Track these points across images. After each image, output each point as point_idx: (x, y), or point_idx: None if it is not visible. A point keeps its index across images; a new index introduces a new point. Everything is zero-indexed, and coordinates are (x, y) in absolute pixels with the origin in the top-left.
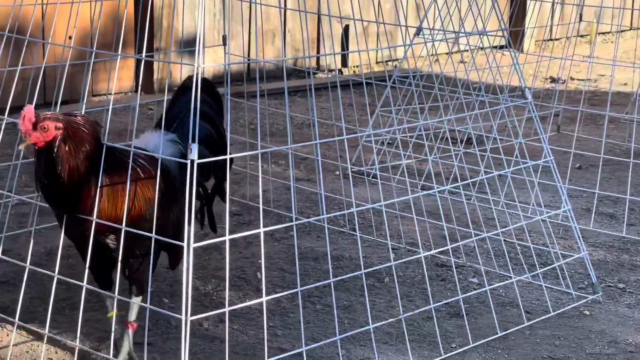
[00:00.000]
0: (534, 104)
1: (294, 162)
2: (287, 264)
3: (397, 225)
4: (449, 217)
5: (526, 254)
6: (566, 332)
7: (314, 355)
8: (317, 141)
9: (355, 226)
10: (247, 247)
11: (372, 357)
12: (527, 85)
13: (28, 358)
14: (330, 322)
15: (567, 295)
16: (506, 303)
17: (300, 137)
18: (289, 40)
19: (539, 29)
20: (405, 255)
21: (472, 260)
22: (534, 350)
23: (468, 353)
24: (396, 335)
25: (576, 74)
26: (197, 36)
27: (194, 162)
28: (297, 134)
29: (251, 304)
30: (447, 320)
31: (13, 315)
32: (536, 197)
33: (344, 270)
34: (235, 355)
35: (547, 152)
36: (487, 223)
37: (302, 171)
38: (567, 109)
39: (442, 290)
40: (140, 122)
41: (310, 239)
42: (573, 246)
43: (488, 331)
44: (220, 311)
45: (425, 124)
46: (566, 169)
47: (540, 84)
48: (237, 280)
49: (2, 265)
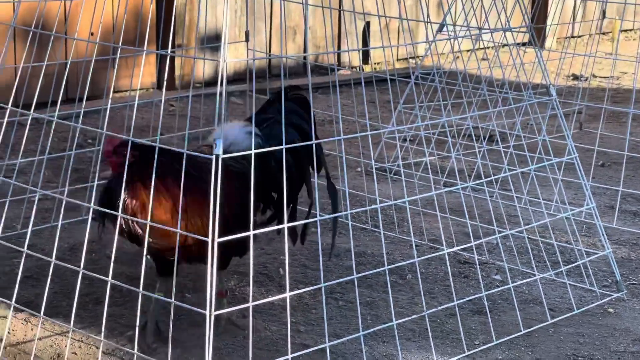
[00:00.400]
0: (558, 101)
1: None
2: (309, 260)
3: (419, 222)
4: (472, 214)
5: (549, 251)
6: (590, 329)
7: (336, 352)
8: (342, 137)
9: (377, 223)
10: (268, 243)
11: (395, 353)
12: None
13: (52, 352)
14: (352, 319)
15: (591, 293)
16: (529, 300)
17: (321, 134)
18: (310, 37)
19: (561, 26)
20: (428, 252)
21: (495, 258)
22: (558, 347)
23: (491, 350)
24: (419, 331)
25: (598, 72)
26: (218, 33)
27: (218, 157)
28: (319, 130)
29: (274, 299)
30: (470, 317)
31: (37, 309)
32: (559, 194)
33: (366, 266)
34: (258, 351)
35: (572, 149)
36: (510, 220)
37: None
38: (590, 106)
39: (464, 287)
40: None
41: None
42: (596, 244)
43: (511, 328)
44: (243, 306)
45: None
46: (589, 167)
47: (563, 82)
48: (260, 276)
49: (26, 260)
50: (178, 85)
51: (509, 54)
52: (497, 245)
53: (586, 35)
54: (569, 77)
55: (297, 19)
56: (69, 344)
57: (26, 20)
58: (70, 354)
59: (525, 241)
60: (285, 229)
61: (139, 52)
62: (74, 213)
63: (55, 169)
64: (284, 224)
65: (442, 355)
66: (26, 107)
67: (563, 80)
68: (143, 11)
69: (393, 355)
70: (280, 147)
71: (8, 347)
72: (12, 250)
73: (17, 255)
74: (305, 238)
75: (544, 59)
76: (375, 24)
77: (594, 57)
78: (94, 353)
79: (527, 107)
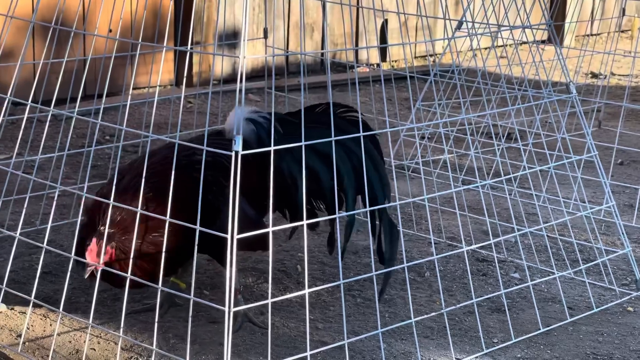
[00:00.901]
0: (577, 99)
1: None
2: (327, 257)
3: (437, 219)
4: (490, 212)
5: (568, 249)
6: (609, 328)
7: (354, 349)
8: (361, 134)
9: (395, 220)
10: (286, 240)
11: (413, 351)
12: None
13: (71, 348)
14: (370, 316)
15: (610, 292)
16: (548, 299)
17: None
18: (328, 35)
19: (579, 23)
20: (446, 249)
21: (514, 256)
22: (577, 346)
23: (510, 348)
24: (437, 329)
25: (617, 70)
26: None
27: (238, 153)
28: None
29: (293, 296)
30: (489, 315)
31: (56, 305)
32: (578, 193)
33: None
34: (276, 348)
35: (592, 146)
36: (528, 218)
37: None
38: (609, 104)
39: (483, 285)
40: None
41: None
42: (616, 242)
43: (530, 327)
44: (262, 303)
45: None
46: (608, 165)
47: (581, 80)
48: (278, 273)
49: (45, 256)
50: (196, 82)
51: (527, 52)
52: (516, 243)
53: (605, 33)
54: (588, 75)
55: (314, 16)
56: (88, 340)
57: (45, 17)
58: (89, 350)
59: (544, 239)
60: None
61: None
62: None
63: (74, 165)
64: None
65: (461, 353)
66: (45, 104)
67: (582, 78)
68: (162, 8)
69: (411, 353)
70: (269, 149)
71: (27, 343)
72: (31, 246)
73: (36, 251)
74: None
75: (563, 57)
76: (393, 21)
77: (612, 55)
78: (112, 349)
79: (547, 104)
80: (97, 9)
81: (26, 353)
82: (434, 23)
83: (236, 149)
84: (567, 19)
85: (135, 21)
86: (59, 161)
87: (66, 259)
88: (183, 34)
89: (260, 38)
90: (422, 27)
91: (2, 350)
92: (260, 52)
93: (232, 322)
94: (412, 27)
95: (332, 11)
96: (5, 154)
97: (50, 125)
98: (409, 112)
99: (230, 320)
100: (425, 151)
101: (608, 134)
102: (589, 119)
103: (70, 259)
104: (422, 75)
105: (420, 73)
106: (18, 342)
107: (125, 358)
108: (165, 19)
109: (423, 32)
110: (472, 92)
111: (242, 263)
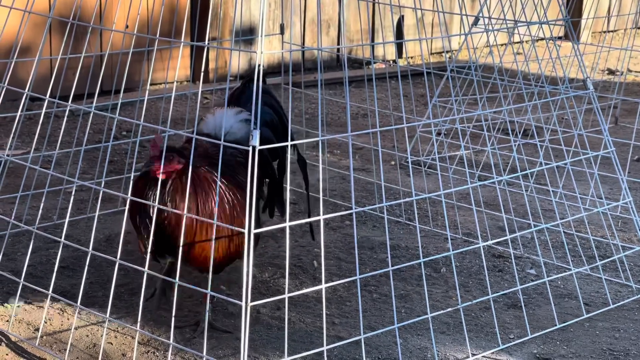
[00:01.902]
0: (594, 95)
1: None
2: (343, 253)
3: (453, 215)
4: (507, 208)
5: (585, 245)
6: (626, 324)
7: (371, 344)
8: (378, 129)
9: (411, 216)
10: (303, 235)
11: (429, 346)
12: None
13: (88, 342)
14: (387, 311)
15: (626, 288)
16: (564, 295)
17: (355, 127)
18: (344, 31)
19: (596, 20)
20: (462, 245)
21: (530, 252)
22: (593, 342)
23: (526, 344)
24: (453, 325)
25: (634, 66)
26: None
27: (255, 148)
28: (352, 124)
29: (309, 291)
30: (505, 311)
31: (74, 299)
32: (595, 189)
33: (400, 259)
34: (293, 343)
35: (609, 142)
36: (545, 214)
37: (358, 161)
38: (625, 100)
39: (499, 281)
40: (196, 111)
41: (367, 229)
42: (632, 238)
43: (546, 323)
44: (279, 297)
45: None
46: (625, 161)
47: (598, 76)
48: (294, 268)
49: (63, 251)
50: (212, 78)
51: (544, 48)
52: (532, 239)
53: (622, 30)
54: (604, 71)
55: (330, 12)
56: (105, 334)
57: (62, 12)
58: (106, 344)
59: (560, 235)
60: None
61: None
62: (109, 204)
63: (91, 161)
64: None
65: (477, 349)
66: (62, 100)
67: (598, 75)
68: (179, 4)
69: (427, 348)
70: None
71: (44, 336)
72: (49, 241)
73: (53, 245)
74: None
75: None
76: (409, 17)
77: (629, 52)
78: (129, 343)
79: (563, 101)
80: (114, 5)
81: (44, 347)
82: (451, 19)
83: (253, 144)
84: (584, 15)
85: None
86: (76, 156)
87: (83, 254)
88: (200, 29)
89: (277, 34)
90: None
91: (20, 344)
92: (276, 48)
93: (161, 294)
94: (429, 23)
95: (349, 7)
96: (23, 149)
97: (67, 121)
98: (425, 108)
99: (247, 315)
100: (442, 147)
101: (625, 130)
102: (605, 116)
103: (88, 253)
104: (438, 72)
105: (436, 69)
106: (36, 335)
107: (142, 352)
108: (182, 15)
109: (440, 28)
110: (488, 88)
111: (259, 258)
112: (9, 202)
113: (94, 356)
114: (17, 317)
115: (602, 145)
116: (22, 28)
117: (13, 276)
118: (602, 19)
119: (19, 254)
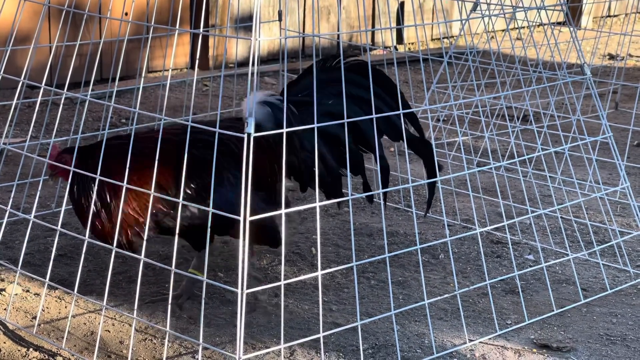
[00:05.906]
0: (592, 80)
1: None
2: (341, 240)
3: (452, 201)
4: (505, 194)
5: (583, 231)
6: (623, 309)
7: (368, 330)
8: (374, 115)
9: (409, 202)
10: (301, 222)
11: (426, 332)
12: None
13: (85, 330)
14: (384, 298)
15: (624, 273)
16: (562, 280)
17: None
18: (344, 17)
19: (597, 5)
20: (460, 231)
21: (528, 237)
22: (591, 327)
23: (523, 330)
24: (451, 311)
25: (634, 51)
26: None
27: (250, 135)
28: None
29: (306, 277)
30: (503, 297)
31: (71, 287)
32: (593, 174)
33: (398, 246)
34: (290, 329)
35: (606, 128)
36: (543, 200)
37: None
38: (626, 85)
39: (497, 267)
40: (195, 98)
41: (365, 215)
42: (631, 224)
43: (544, 308)
44: (275, 284)
45: (481, 100)
46: (624, 147)
47: (598, 61)
48: (292, 255)
49: (60, 239)
50: (211, 65)
51: (543, 34)
52: (530, 225)
53: (622, 15)
54: (605, 56)
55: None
56: (102, 322)
57: (61, 0)
58: (104, 332)
59: (558, 221)
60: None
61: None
62: None
63: None
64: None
65: (474, 335)
66: (60, 87)
67: (599, 60)
68: None
69: (425, 334)
70: (281, 130)
71: (42, 324)
72: (46, 229)
73: (51, 233)
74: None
75: (579, 39)
76: (409, 4)
77: (630, 37)
78: (126, 330)
79: (562, 86)
80: None
81: (41, 334)
82: (451, 5)
83: (248, 131)
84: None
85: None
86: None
87: (81, 242)
88: (198, 17)
89: (275, 20)
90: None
91: (17, 332)
92: (275, 34)
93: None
94: (429, 9)
95: None
96: (21, 137)
97: (65, 109)
98: (424, 94)
99: (243, 302)
100: (440, 133)
101: (625, 115)
102: (605, 101)
103: (85, 241)
104: (437, 58)
105: (435, 55)
106: (33, 323)
107: (140, 339)
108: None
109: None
110: (487, 75)
111: (257, 245)
112: (6, 191)
113: (91, 344)
114: (15, 305)
115: (600, 131)
116: (18, 15)
117: (11, 264)
118: (603, 4)
119: (16, 242)
